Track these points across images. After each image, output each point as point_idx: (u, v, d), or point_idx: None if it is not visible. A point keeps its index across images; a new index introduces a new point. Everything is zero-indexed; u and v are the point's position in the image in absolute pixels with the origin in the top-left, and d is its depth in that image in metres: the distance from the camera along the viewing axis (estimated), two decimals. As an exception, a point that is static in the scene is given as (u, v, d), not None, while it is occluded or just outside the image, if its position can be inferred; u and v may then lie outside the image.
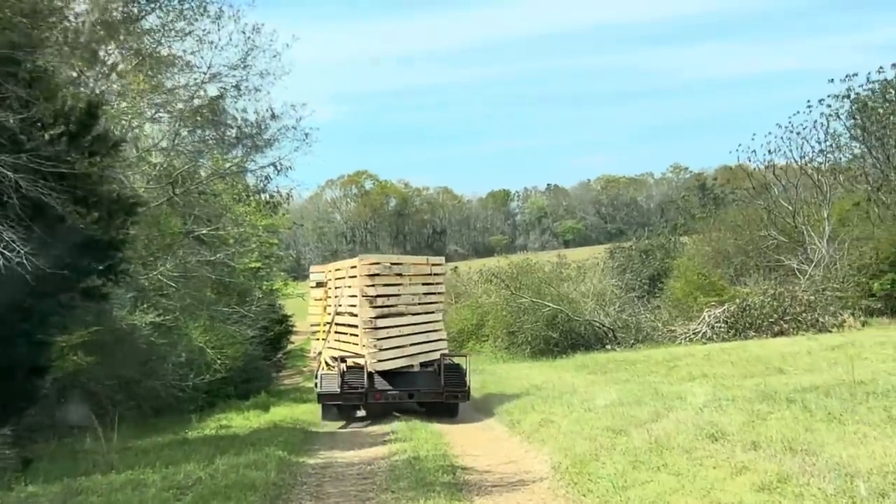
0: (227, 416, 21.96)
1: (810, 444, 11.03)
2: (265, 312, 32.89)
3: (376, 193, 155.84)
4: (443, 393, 20.52)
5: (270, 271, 38.28)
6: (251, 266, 34.39)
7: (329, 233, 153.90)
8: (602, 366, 27.86)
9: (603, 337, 39.49)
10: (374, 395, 20.18)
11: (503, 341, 41.49)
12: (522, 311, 39.77)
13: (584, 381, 23.38)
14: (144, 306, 21.00)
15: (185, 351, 22.69)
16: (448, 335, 42.81)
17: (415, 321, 21.45)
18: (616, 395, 18.31)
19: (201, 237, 25.95)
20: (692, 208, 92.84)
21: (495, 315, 42.15)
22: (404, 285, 21.07)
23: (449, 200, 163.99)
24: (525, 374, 26.98)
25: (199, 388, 23.59)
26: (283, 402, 25.24)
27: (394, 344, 20.55)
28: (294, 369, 41.66)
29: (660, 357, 28.42)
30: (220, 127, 28.44)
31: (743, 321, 36.97)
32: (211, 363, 23.96)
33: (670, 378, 22.29)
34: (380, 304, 20.25)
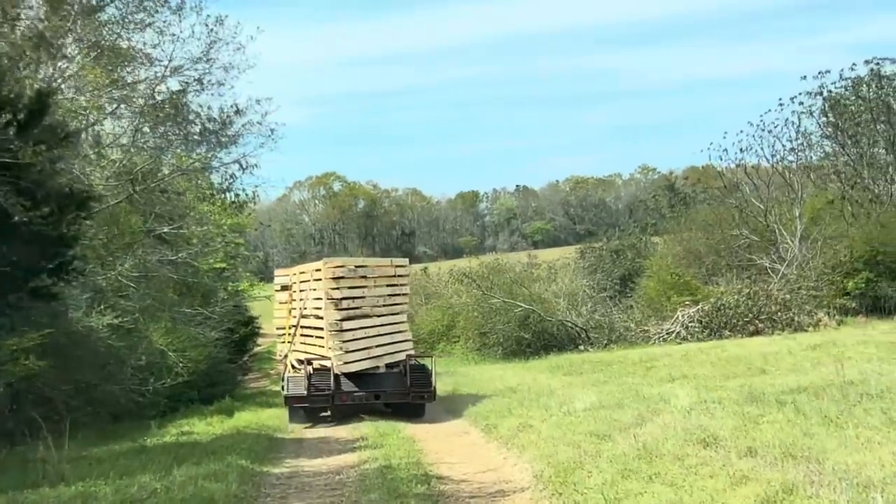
0: (189, 421, 20.97)
1: (811, 450, 10.28)
2: (230, 314, 31.89)
3: (344, 195, 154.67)
4: (409, 393, 20.60)
5: (236, 272, 37.28)
6: (216, 266, 33.40)
7: (297, 235, 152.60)
8: (577, 367, 27.07)
9: (576, 337, 38.71)
10: (341, 396, 20.15)
11: (474, 342, 40.64)
12: (494, 311, 38.94)
13: (560, 383, 22.58)
14: (101, 307, 20.02)
15: (146, 354, 21.68)
16: (418, 336, 42.30)
17: (380, 323, 21.42)
18: (595, 398, 17.54)
19: (162, 236, 25.01)
20: (661, 209, 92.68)
21: (466, 316, 41.29)
22: (369, 287, 21.08)
23: (418, 202, 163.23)
24: (499, 376, 26.17)
25: (161, 392, 22.60)
26: (249, 407, 24.25)
27: (360, 346, 20.59)
28: (261, 372, 40.61)
29: (636, 357, 27.69)
30: (183, 123, 27.52)
31: (717, 320, 36.36)
32: (173, 367, 22.99)
33: (649, 379, 21.51)
34: (345, 306, 20.31)
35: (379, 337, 21.24)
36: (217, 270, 34.01)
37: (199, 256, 30.24)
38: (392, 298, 22.02)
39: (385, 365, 21.20)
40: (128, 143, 25.52)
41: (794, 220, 43.78)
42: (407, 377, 20.76)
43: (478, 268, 45.79)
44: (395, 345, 21.77)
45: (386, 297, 21.70)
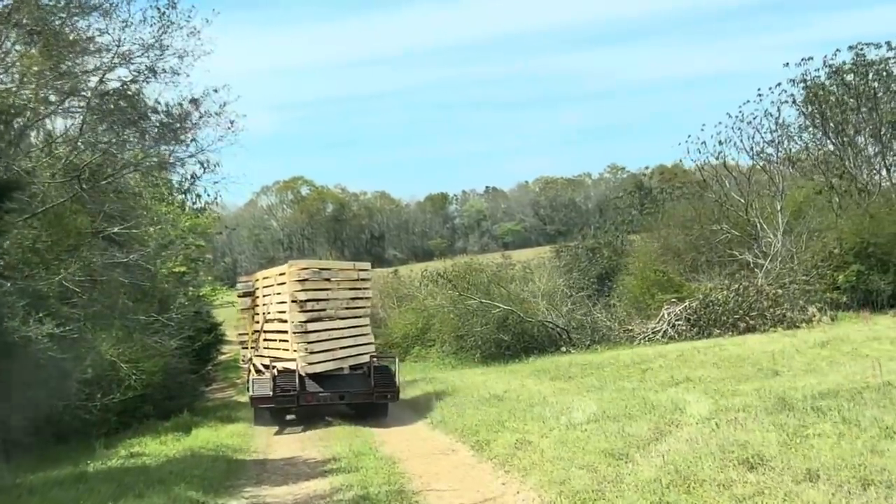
0: (141, 441, 18.77)
1: (889, 473, 8.29)
2: (190, 320, 29.57)
3: (312, 199, 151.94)
4: (373, 393, 20.89)
5: (197, 276, 34.97)
6: (175, 271, 31.11)
7: (266, 240, 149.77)
8: (564, 370, 25.01)
9: (557, 338, 36.69)
10: (306, 397, 20.32)
11: (451, 346, 38.44)
12: (471, 313, 36.78)
13: (550, 389, 20.50)
14: (40, 315, 17.71)
15: (93, 366, 19.37)
16: (391, 341, 40.14)
17: (343, 325, 21.65)
18: (596, 407, 15.54)
19: (112, 237, 22.71)
20: (631, 208, 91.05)
21: (441, 318, 39.03)
22: (332, 290, 21.36)
23: (387, 205, 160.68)
24: (481, 382, 24.03)
25: (111, 408, 20.36)
26: (209, 422, 21.93)
27: (324, 347, 20.81)
28: (226, 382, 38.20)
29: (627, 359, 25.72)
30: (136, 118, 25.26)
31: (706, 318, 34.53)
32: (124, 379, 20.75)
33: (649, 383, 19.49)
34: (310, 308, 20.57)
35: (343, 339, 21.39)
36: (177, 275, 31.72)
37: (156, 259, 28.04)
38: (355, 302, 22.17)
39: (349, 367, 21.40)
40: (74, 138, 23.27)
41: (776, 214, 42.02)
42: (371, 377, 21.05)
43: (452, 268, 43.61)
44: (359, 347, 21.88)
45: (349, 300, 21.88)
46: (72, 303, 20.21)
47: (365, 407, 21.18)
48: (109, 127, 24.12)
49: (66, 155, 23.01)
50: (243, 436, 18.58)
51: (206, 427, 20.37)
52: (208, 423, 21.20)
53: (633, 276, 41.08)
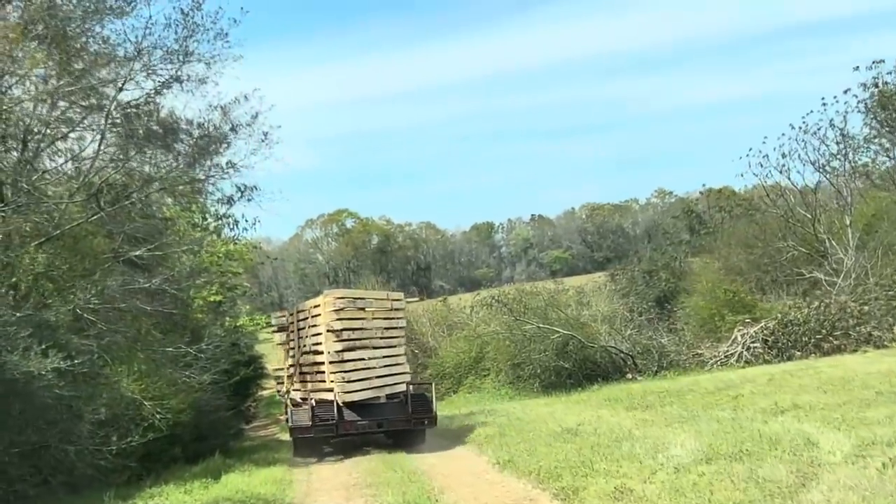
0: (164, 490, 16.15)
1: None
2: (227, 353, 27.16)
3: (358, 231, 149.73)
4: (410, 420, 20.69)
5: (234, 305, 32.58)
6: (211, 299, 28.73)
7: (311, 274, 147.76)
8: (639, 399, 22.16)
9: (622, 365, 33.89)
10: (345, 425, 20.27)
11: (507, 375, 35.71)
12: (528, 339, 34.07)
13: (631, 421, 17.68)
14: (43, 347, 15.24)
15: (108, 405, 16.86)
16: (443, 371, 37.43)
17: (379, 354, 21.48)
18: (696, 442, 12.79)
19: (134, 261, 20.32)
20: (681, 232, 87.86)
21: (496, 345, 36.31)
22: (367, 319, 21.19)
23: (432, 235, 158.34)
24: (547, 414, 21.27)
25: (132, 452, 17.84)
26: (243, 466, 19.21)
27: (360, 376, 20.63)
28: (269, 418, 35.57)
29: (709, 385, 22.84)
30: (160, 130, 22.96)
31: (785, 339, 31.53)
32: (148, 419, 18.29)
33: (747, 412, 16.65)
34: (345, 337, 20.43)
35: (378, 368, 21.26)
36: (213, 304, 29.35)
37: (190, 287, 25.73)
38: (389, 331, 22.05)
39: (386, 396, 21.36)
40: (93, 155, 21.00)
41: (846, 229, 38.91)
42: (408, 404, 20.88)
43: (506, 292, 40.93)
44: (395, 376, 21.78)
45: (383, 329, 21.74)
46: (85, 333, 17.86)
47: (402, 435, 20.96)
48: (131, 142, 21.88)
49: (85, 173, 20.90)
50: (280, 483, 15.92)
51: (239, 472, 17.69)
52: (242, 466, 18.54)
53: (700, 297, 38.05)
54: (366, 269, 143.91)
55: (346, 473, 16.68)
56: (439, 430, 22.42)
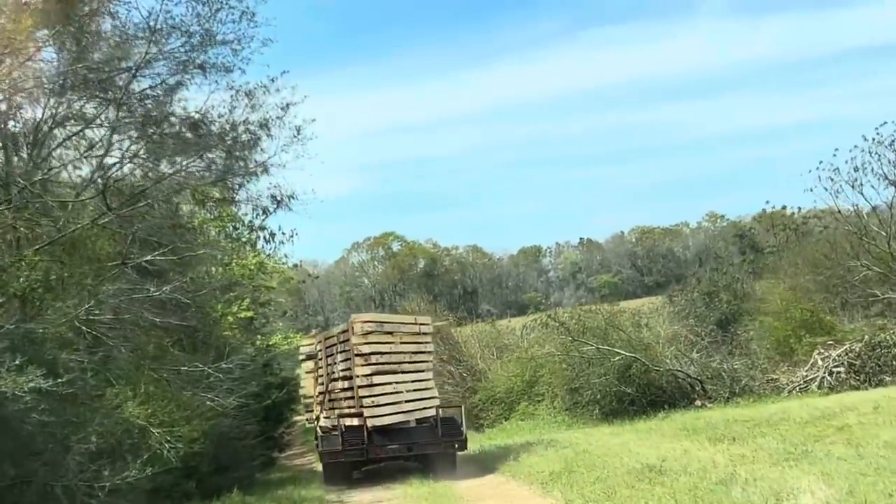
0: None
1: None
2: (256, 374, 24.45)
3: (404, 255, 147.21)
4: (440, 444, 20.55)
5: (267, 322, 29.84)
6: (241, 315, 26.06)
7: (357, 297, 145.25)
8: (723, 429, 19.12)
9: (689, 390, 30.75)
10: (375, 450, 20.08)
11: (563, 401, 32.62)
12: (586, 361, 31.04)
13: (723, 457, 14.63)
14: (17, 362, 12.50)
15: (101, 432, 14.09)
16: (494, 395, 34.48)
17: (407, 379, 21.36)
18: (830, 489, 9.78)
19: (147, 268, 17.60)
20: (732, 256, 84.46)
21: (551, 369, 33.21)
22: (395, 343, 21.13)
23: (479, 259, 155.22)
24: (619, 446, 18.22)
25: (136, 487, 15.12)
26: (272, 501, 16.47)
27: (389, 400, 20.49)
28: (306, 446, 32.62)
29: (802, 413, 19.77)
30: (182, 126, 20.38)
31: (872, 363, 28.33)
32: (155, 448, 15.57)
33: (869, 447, 13.60)
34: (374, 360, 20.33)
35: (407, 392, 21.12)
36: (244, 320, 26.69)
37: (213, 299, 23.12)
38: (417, 356, 22.00)
39: (415, 420, 21.24)
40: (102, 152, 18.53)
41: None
42: (438, 428, 20.79)
43: (563, 312, 37.91)
44: (423, 401, 21.63)
45: (411, 353, 21.70)
46: (75, 348, 15.21)
47: (433, 460, 20.57)
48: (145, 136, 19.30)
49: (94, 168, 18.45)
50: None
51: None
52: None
53: (774, 317, 34.80)
54: (412, 293, 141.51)
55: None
56: (492, 463, 19.67)
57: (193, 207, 26.26)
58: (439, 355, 39.00)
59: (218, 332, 22.59)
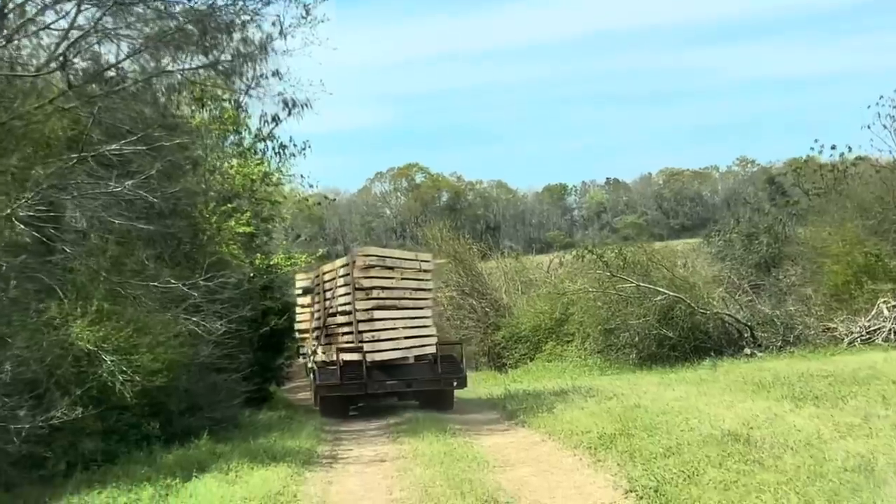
0: (105, 496, 10.11)
1: None
2: (253, 297, 21.09)
3: (427, 187, 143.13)
4: (440, 381, 20.33)
5: (269, 240, 26.34)
6: (240, 230, 22.68)
7: (378, 228, 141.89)
8: (798, 386, 15.61)
9: (736, 337, 27.34)
10: (373, 384, 19.69)
11: (596, 342, 29.22)
12: (624, 300, 27.66)
13: (826, 427, 11.13)
14: None
15: (20, 359, 10.73)
16: (518, 333, 31.18)
17: (407, 315, 20.94)
18: None
19: (108, 157, 14.15)
20: (760, 202, 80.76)
21: (585, 307, 29.76)
22: (396, 279, 20.73)
23: (503, 195, 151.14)
24: (680, 403, 14.56)
25: (80, 426, 11.90)
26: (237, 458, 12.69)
27: (389, 336, 20.14)
28: (307, 380, 29.27)
29: (889, 370, 16.33)
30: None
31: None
32: (108, 380, 12.31)
33: None
34: (375, 295, 19.93)
35: (407, 329, 20.75)
36: (244, 237, 23.34)
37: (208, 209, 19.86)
38: (417, 293, 21.48)
39: (413, 357, 20.74)
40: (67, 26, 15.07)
41: None
42: (438, 365, 20.53)
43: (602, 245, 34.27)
44: (422, 339, 21.13)
45: (412, 290, 21.22)
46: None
47: (430, 397, 20.30)
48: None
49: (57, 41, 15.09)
50: (276, 499, 9.70)
51: (221, 474, 11.38)
52: (236, 460, 12.19)
53: (833, 261, 31.12)
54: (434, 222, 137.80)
55: (384, 490, 10.39)
56: (521, 413, 16.40)
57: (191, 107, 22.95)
58: (461, 287, 35.65)
59: (210, 247, 19.23)
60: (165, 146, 15.06)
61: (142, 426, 13.59)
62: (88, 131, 14.16)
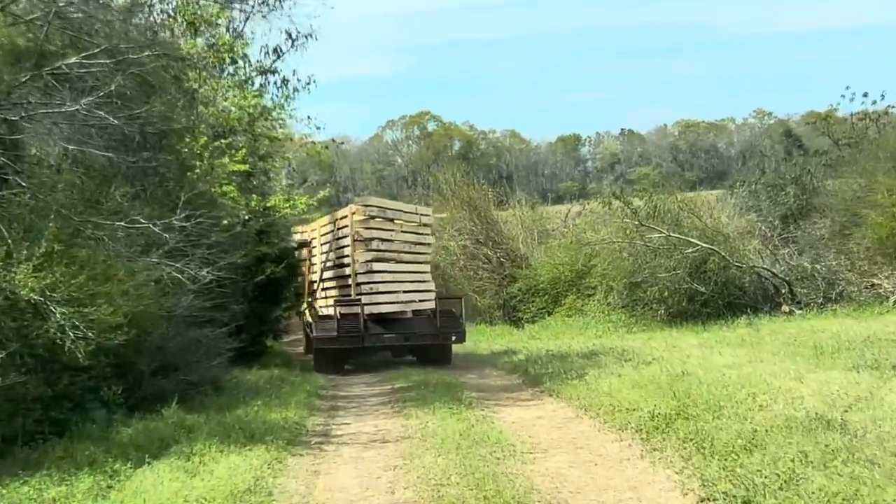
0: (30, 489, 7.92)
1: None
2: (245, 242, 18.83)
3: (439, 135, 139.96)
4: (438, 335, 19.76)
5: (267, 180, 23.88)
6: (234, 168, 20.37)
7: (389, 176, 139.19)
8: (866, 351, 13.37)
9: (773, 293, 25.06)
10: (370, 338, 19.11)
11: (620, 296, 26.89)
12: (653, 251, 25.33)
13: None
14: None
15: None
16: (536, 285, 28.91)
17: (406, 269, 20.58)
18: None
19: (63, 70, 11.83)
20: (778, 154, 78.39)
21: (608, 258, 27.41)
22: (396, 231, 20.41)
23: (516, 144, 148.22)
24: (734, 371, 12.12)
25: (24, 394, 9.79)
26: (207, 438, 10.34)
27: (388, 288, 19.79)
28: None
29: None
30: None
31: None
32: (55, 338, 10.10)
33: None
34: (374, 247, 19.50)
35: (406, 283, 20.47)
36: (240, 175, 21.04)
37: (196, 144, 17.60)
38: (416, 247, 21.18)
39: (412, 311, 20.49)
40: None
41: None
42: (436, 319, 20.03)
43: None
44: (422, 293, 20.82)
45: (411, 243, 20.93)
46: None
47: (428, 352, 19.87)
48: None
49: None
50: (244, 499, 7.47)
51: (187, 454, 9.13)
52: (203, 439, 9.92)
53: (879, 212, 28.64)
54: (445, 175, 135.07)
55: (384, 487, 8.08)
56: (547, 379, 14.19)
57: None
58: (474, 236, 33.29)
59: (200, 186, 16.94)
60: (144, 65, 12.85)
61: (101, 390, 11.34)
62: (42, 42, 11.90)
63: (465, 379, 16.04)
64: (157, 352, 12.57)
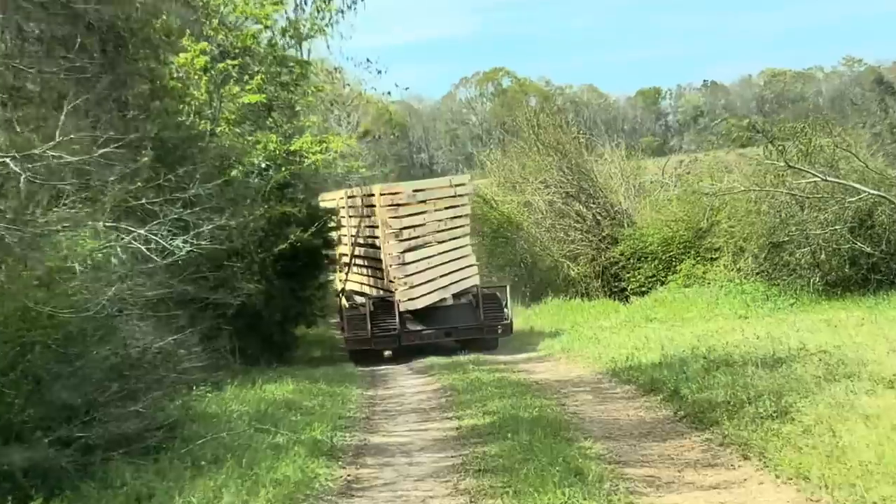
0: None
1: None
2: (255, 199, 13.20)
3: (514, 92, 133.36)
4: (483, 328, 18.48)
5: (293, 117, 18.00)
6: (245, 100, 14.72)
7: (463, 135, 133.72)
8: None
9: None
10: (409, 336, 18.02)
11: (756, 260, 20.76)
12: (799, 203, 19.28)
13: None
14: None
15: None
16: (643, 248, 23.26)
17: (443, 250, 19.15)
18: None
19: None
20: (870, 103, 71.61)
21: (738, 213, 21.26)
22: (429, 212, 18.85)
23: (594, 99, 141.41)
24: None
25: None
26: None
27: (424, 278, 18.42)
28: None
29: None
30: None
31: None
32: None
33: None
34: (406, 236, 18.22)
35: (443, 266, 18.99)
36: (256, 109, 15.42)
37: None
38: (453, 221, 19.49)
39: (452, 295, 18.96)
40: None
41: None
42: (479, 309, 18.63)
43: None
44: (461, 272, 19.39)
45: (447, 220, 19.30)
46: None
47: (472, 340, 18.28)
48: None
49: None
50: None
51: None
52: None
53: None
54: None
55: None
56: (718, 418, 8.18)
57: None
58: (563, 188, 27.22)
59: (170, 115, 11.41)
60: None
61: None
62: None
63: (575, 407, 9.92)
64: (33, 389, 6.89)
